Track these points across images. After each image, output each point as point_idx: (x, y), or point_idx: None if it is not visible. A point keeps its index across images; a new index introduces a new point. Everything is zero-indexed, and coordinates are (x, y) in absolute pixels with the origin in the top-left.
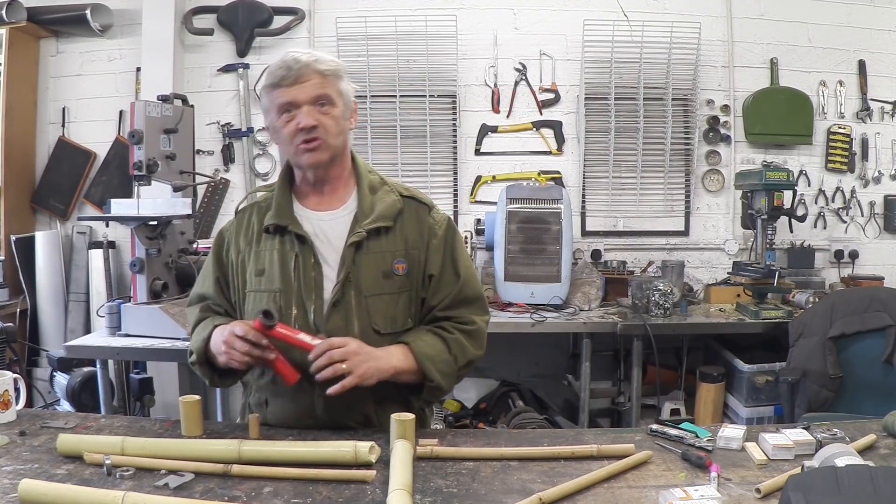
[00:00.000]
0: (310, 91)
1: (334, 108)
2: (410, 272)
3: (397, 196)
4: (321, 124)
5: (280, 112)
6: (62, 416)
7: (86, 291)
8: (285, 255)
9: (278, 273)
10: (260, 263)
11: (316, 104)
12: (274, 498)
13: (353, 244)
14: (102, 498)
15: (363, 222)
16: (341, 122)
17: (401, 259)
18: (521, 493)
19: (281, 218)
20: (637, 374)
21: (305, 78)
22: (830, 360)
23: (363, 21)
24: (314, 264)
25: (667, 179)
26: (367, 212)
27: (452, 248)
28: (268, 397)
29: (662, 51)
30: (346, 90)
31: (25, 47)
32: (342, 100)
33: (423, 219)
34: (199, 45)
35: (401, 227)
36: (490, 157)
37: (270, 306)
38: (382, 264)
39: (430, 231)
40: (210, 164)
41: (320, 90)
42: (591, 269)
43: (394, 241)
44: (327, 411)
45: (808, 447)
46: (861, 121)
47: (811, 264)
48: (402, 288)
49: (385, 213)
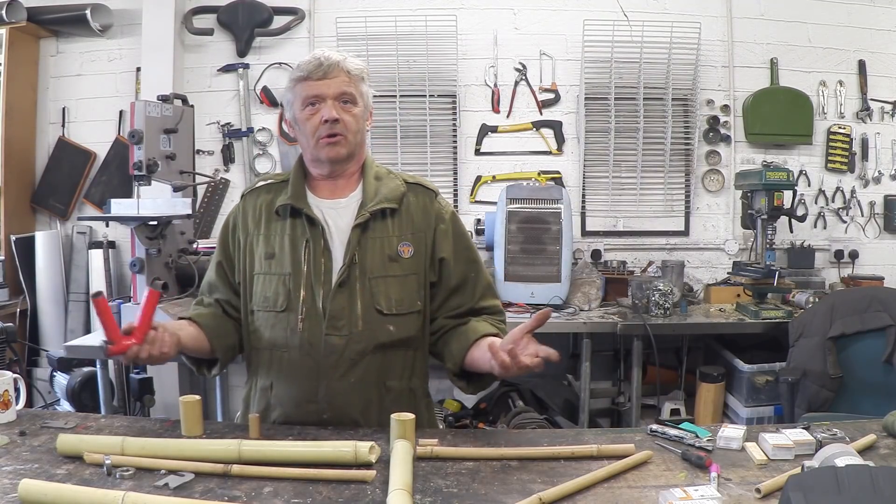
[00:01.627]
0: (336, 87)
1: (356, 107)
2: (417, 254)
3: (401, 181)
4: (343, 120)
5: (305, 105)
6: (62, 416)
7: (86, 291)
8: (296, 240)
9: (289, 257)
10: (270, 247)
11: (339, 100)
12: (274, 498)
13: (357, 226)
14: (102, 498)
15: (368, 206)
16: (360, 121)
17: (406, 242)
18: (521, 493)
19: (296, 200)
20: (637, 374)
21: (334, 74)
22: (830, 360)
23: (363, 21)
24: (324, 249)
25: (667, 179)
26: (371, 197)
27: (461, 234)
28: (273, 381)
29: (662, 51)
30: (367, 93)
31: (25, 47)
32: (363, 101)
33: (429, 204)
34: (199, 45)
35: (406, 211)
36: (490, 157)
37: (279, 290)
38: (388, 248)
39: (438, 216)
40: (210, 164)
41: (346, 87)
42: (591, 269)
43: (399, 224)
44: (329, 397)
45: (808, 447)
46: (861, 121)
47: (811, 264)
48: (409, 271)
49: (389, 196)
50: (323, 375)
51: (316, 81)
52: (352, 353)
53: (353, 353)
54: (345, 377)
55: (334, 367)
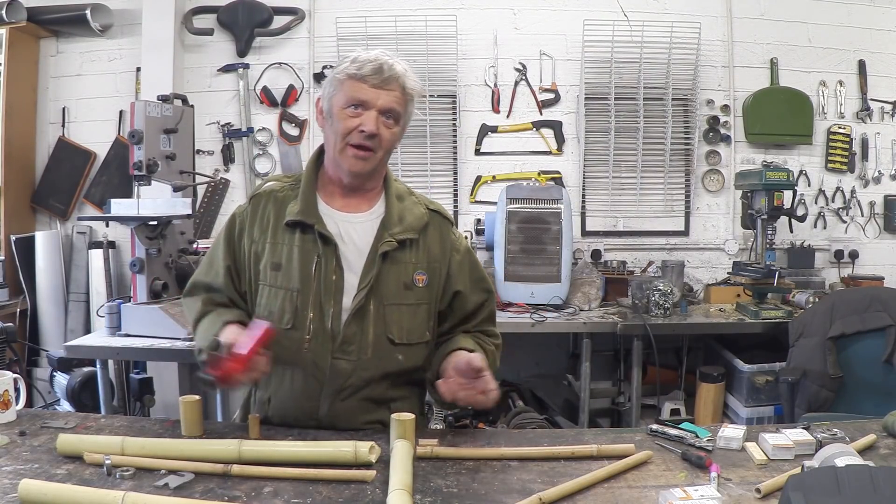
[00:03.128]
0: (386, 100)
1: (397, 126)
2: (430, 285)
3: (424, 209)
4: (381, 135)
5: (348, 104)
6: (62, 416)
7: (86, 291)
8: (307, 254)
9: (298, 272)
10: (277, 257)
11: (384, 114)
12: (274, 498)
13: (383, 253)
14: (102, 498)
15: (392, 230)
16: (395, 141)
17: (422, 271)
18: (521, 493)
19: (307, 215)
20: (637, 374)
21: (390, 86)
22: (830, 360)
23: (363, 21)
24: (336, 268)
25: (667, 179)
26: (396, 220)
27: (475, 265)
28: (271, 396)
29: (662, 51)
30: (411, 115)
31: (25, 47)
32: (404, 121)
33: (446, 234)
34: (199, 45)
35: (424, 240)
36: (490, 157)
37: (286, 306)
38: (404, 275)
39: (453, 247)
40: (210, 164)
41: (395, 105)
42: (591, 269)
43: (417, 253)
44: (331, 415)
45: (808, 447)
46: (861, 121)
47: (811, 264)
48: (422, 300)
49: (414, 225)
50: (325, 396)
51: (371, 87)
52: (358, 380)
53: (360, 379)
54: (347, 400)
55: (338, 391)
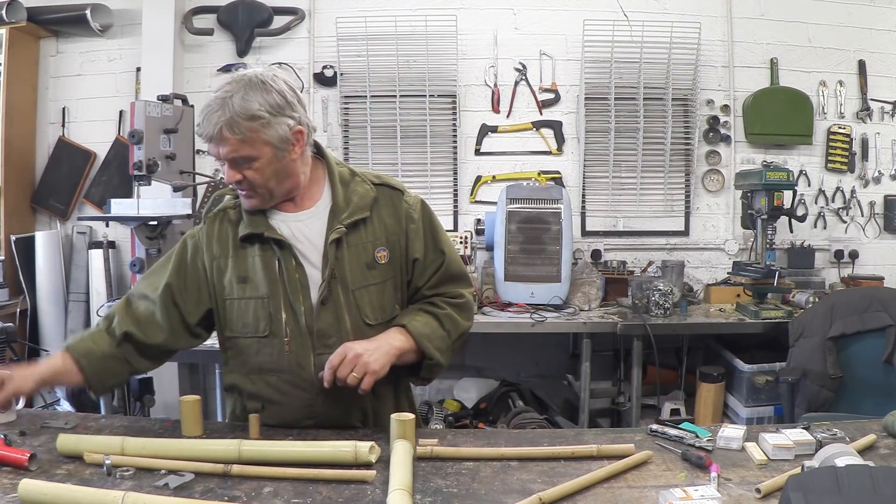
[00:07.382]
0: (226, 153)
1: (257, 162)
2: (392, 259)
3: (370, 185)
4: (246, 179)
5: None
6: (62, 416)
7: (86, 291)
8: (268, 261)
9: (263, 279)
10: (241, 270)
11: (234, 164)
12: (274, 498)
13: (333, 241)
14: (102, 498)
15: (340, 217)
16: (271, 167)
17: (382, 247)
18: (521, 493)
19: (255, 227)
20: (637, 374)
21: (220, 141)
22: (830, 360)
23: (363, 21)
24: (297, 266)
25: (667, 179)
26: (343, 206)
27: (432, 228)
28: (264, 403)
29: (662, 51)
30: (275, 134)
31: (25, 47)
32: (269, 147)
33: (398, 204)
34: (199, 45)
35: (378, 216)
36: (490, 157)
37: (259, 314)
38: (365, 255)
39: (407, 216)
40: (210, 164)
41: (235, 154)
42: (591, 269)
43: (372, 230)
44: (326, 411)
45: (808, 447)
46: (861, 121)
47: (811, 264)
48: (386, 276)
49: (361, 205)
50: (319, 391)
51: (212, 144)
52: None
53: None
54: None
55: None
